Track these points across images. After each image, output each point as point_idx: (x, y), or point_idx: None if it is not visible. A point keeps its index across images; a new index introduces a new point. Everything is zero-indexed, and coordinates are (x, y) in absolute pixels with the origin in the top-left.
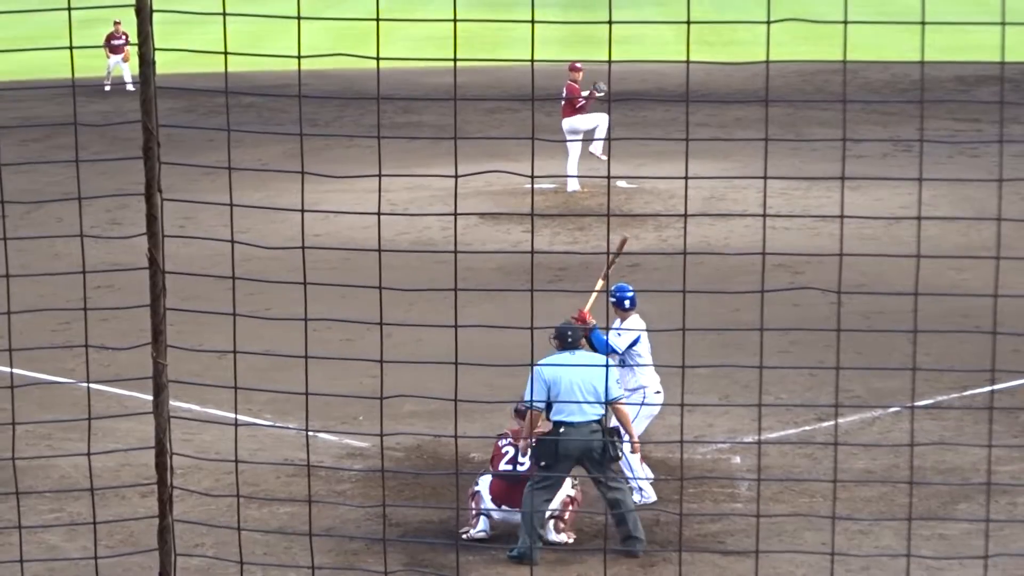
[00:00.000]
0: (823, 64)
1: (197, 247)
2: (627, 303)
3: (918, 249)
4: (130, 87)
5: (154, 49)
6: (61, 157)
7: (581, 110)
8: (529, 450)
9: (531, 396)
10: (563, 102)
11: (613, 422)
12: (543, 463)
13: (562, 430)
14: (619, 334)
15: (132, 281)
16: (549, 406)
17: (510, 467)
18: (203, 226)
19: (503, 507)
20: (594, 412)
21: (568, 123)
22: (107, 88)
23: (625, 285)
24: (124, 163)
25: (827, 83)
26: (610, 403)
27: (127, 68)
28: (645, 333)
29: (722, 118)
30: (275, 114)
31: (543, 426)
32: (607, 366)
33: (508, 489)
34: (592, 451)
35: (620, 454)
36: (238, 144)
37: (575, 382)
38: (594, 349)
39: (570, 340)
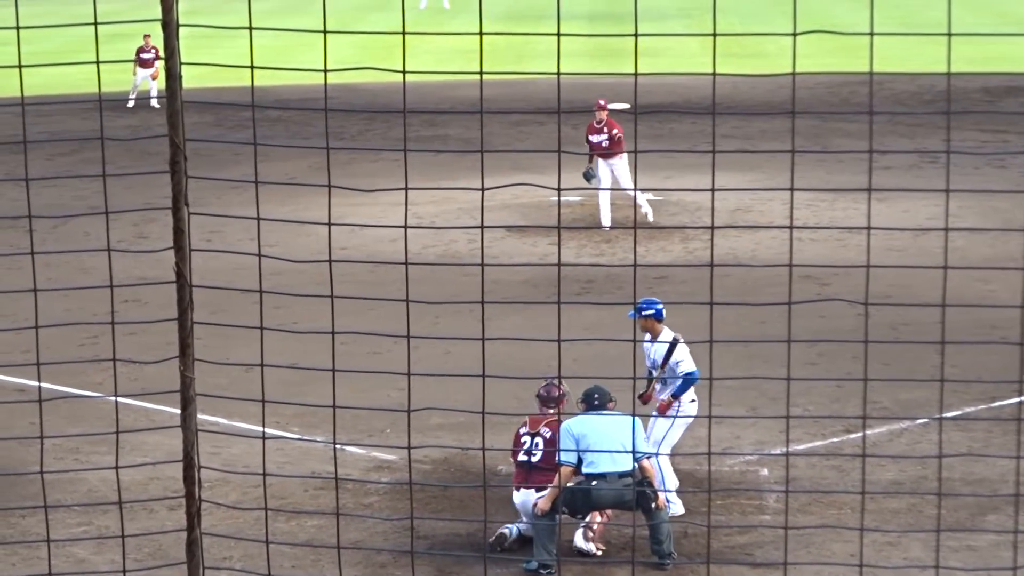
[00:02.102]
0: (849, 76)
1: (224, 260)
2: (662, 315)
3: (945, 261)
4: (155, 103)
5: (180, 63)
6: (88, 171)
7: (605, 153)
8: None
9: (560, 453)
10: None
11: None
12: (577, 515)
13: (594, 483)
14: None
15: (159, 294)
16: (580, 461)
17: (526, 458)
18: (230, 239)
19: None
20: (625, 464)
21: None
22: (130, 104)
23: (654, 299)
24: (151, 177)
25: (853, 94)
26: (638, 460)
27: (155, 84)
28: (683, 344)
29: (748, 130)
30: (302, 127)
31: (575, 479)
32: (633, 426)
33: (526, 474)
34: (625, 502)
35: (653, 506)
36: (265, 158)
37: (604, 437)
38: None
39: (596, 402)
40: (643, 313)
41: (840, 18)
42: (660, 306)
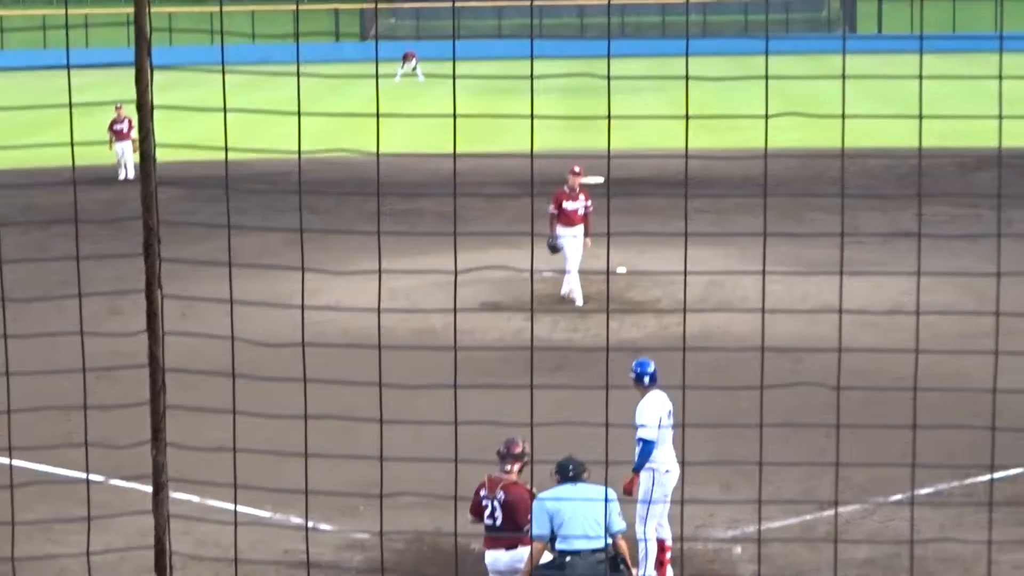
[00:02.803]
0: (823, 150)
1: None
2: (647, 379)
3: (916, 344)
4: (131, 174)
5: (155, 145)
6: (62, 245)
7: (565, 218)
8: None
9: (533, 528)
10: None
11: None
12: None
13: (568, 559)
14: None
15: (133, 371)
16: (554, 537)
17: (490, 522)
18: (204, 313)
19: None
20: (598, 541)
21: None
22: (121, 176)
23: (646, 360)
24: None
25: (827, 168)
26: (612, 535)
27: (131, 156)
28: (663, 411)
29: (722, 203)
30: (276, 199)
31: (547, 556)
32: (607, 499)
33: (493, 538)
34: None
35: None
36: (239, 232)
37: (578, 512)
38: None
39: (571, 474)
40: (631, 376)
41: (812, 90)
42: (642, 370)
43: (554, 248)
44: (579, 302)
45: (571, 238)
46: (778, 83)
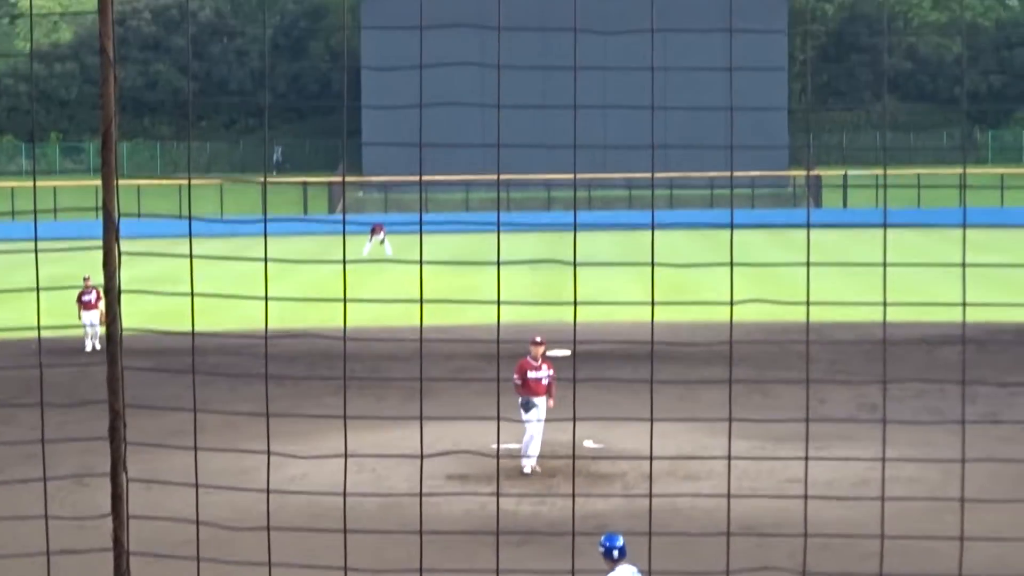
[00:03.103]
0: (788, 323)
1: (164, 510)
2: (615, 553)
3: (882, 529)
4: (97, 344)
5: (121, 329)
6: (26, 416)
7: (528, 388)
8: None
9: None
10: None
11: None
12: None
13: None
14: None
15: (102, 534)
16: None
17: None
18: (168, 488)
19: None
20: None
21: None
22: (88, 348)
23: (615, 535)
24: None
25: (793, 342)
26: None
27: (98, 327)
28: None
29: (688, 376)
30: (243, 370)
31: None
32: None
33: None
34: None
35: None
36: (205, 404)
37: None
38: None
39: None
40: (599, 550)
41: (778, 263)
42: (610, 544)
43: (528, 405)
44: (527, 470)
45: (534, 409)
46: (743, 257)
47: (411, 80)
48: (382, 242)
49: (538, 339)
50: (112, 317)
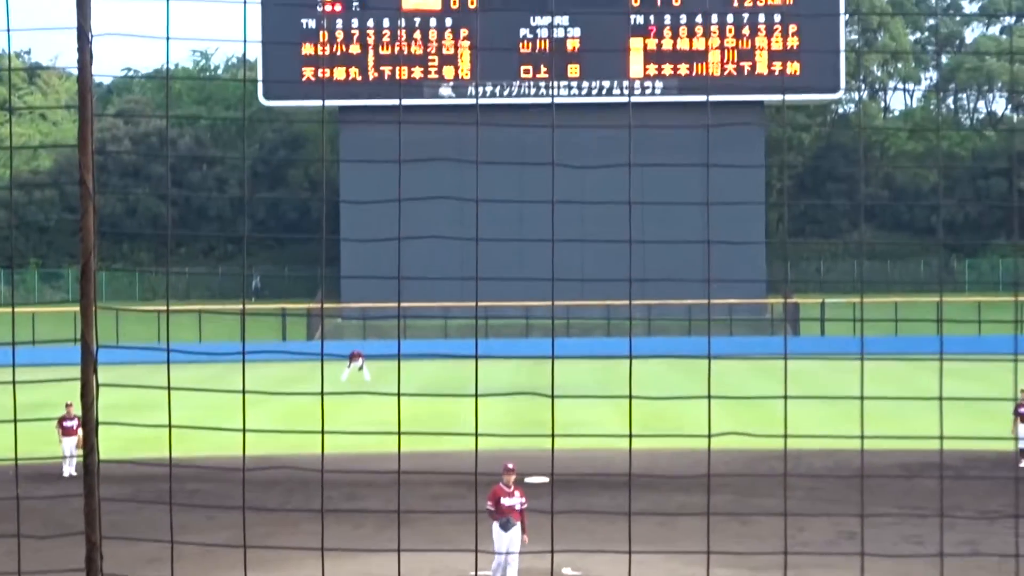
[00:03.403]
0: (766, 451)
1: None
2: None
3: None
4: (74, 472)
5: (99, 462)
6: (2, 543)
7: (501, 514)
8: None
9: None
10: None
11: None
12: None
13: None
14: None
15: None
16: None
17: None
18: None
19: None
20: None
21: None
22: (66, 474)
23: None
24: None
25: (772, 469)
26: None
27: (76, 456)
28: None
29: (667, 505)
30: (221, 499)
31: None
32: None
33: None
34: None
35: None
36: (183, 531)
37: None
38: None
39: None
40: None
41: (756, 392)
42: None
43: (507, 524)
44: None
45: (513, 528)
46: (721, 386)
47: (390, 207)
48: (360, 368)
49: (510, 465)
50: (90, 448)
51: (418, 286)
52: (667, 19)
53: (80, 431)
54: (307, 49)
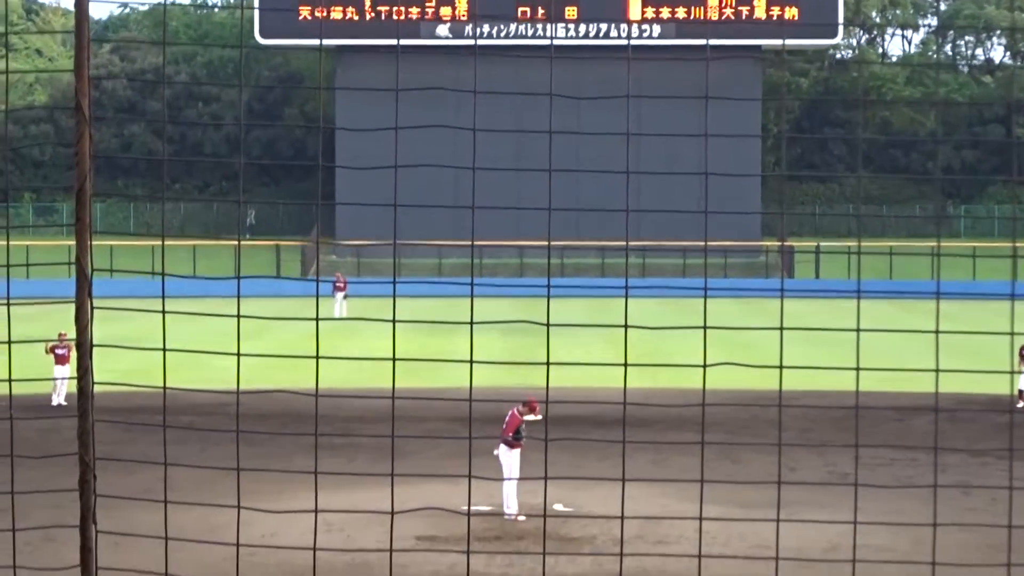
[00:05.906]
0: (759, 391)
1: (135, 562)
2: None
3: None
4: (63, 402)
5: (93, 383)
6: None
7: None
8: None
9: None
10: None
11: None
12: None
13: None
14: None
15: None
16: None
17: None
18: (137, 543)
19: None
20: None
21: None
22: (54, 403)
23: None
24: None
25: (764, 410)
26: None
27: (66, 383)
28: None
29: (660, 441)
30: (214, 427)
31: None
32: None
33: None
34: None
35: None
36: (175, 461)
37: None
38: None
39: None
40: None
41: (750, 333)
42: None
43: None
44: (513, 512)
45: (507, 450)
46: (716, 325)
47: (386, 145)
48: (345, 298)
49: (536, 404)
50: (83, 371)
51: (413, 227)
52: None
53: (72, 355)
54: None
